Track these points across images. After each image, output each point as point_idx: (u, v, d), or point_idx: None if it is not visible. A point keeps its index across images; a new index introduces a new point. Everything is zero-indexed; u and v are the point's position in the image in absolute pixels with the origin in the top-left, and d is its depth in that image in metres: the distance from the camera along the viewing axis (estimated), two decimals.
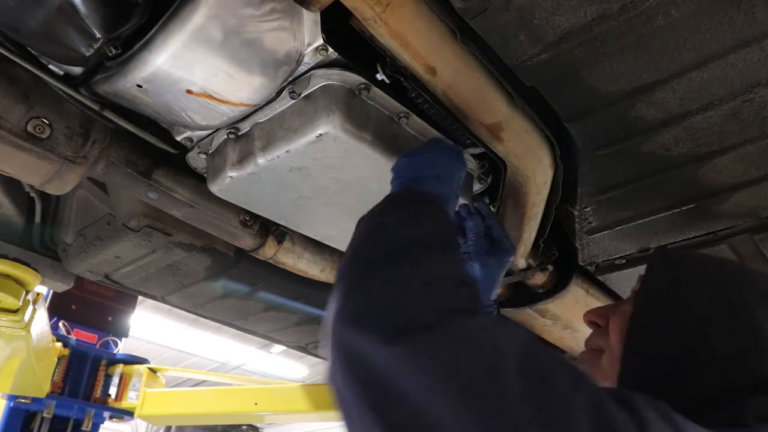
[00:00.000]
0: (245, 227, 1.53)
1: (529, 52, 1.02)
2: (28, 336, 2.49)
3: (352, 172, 1.16)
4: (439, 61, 1.02)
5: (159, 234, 1.58)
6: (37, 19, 0.89)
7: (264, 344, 8.86)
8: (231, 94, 1.04)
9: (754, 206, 1.36)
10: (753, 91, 1.08)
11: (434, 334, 0.56)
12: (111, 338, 4.73)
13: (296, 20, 0.98)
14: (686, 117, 1.15)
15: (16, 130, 1.11)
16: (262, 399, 4.78)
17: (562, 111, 1.18)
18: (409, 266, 0.68)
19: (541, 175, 1.31)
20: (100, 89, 1.06)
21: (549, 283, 1.78)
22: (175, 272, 1.82)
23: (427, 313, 0.59)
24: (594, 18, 0.94)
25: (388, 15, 0.92)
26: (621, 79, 1.07)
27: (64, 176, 1.23)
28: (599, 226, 1.52)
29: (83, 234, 1.71)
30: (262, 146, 1.13)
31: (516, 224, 1.45)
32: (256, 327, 2.30)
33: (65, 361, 4.39)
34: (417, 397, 0.52)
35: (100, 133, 1.23)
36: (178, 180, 1.38)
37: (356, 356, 0.58)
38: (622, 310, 0.91)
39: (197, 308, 2.09)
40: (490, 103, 1.12)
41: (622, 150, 1.26)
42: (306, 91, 1.07)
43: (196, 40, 0.92)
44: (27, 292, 2.13)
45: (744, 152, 1.21)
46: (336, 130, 1.04)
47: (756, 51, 1.00)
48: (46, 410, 4.16)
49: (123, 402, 4.77)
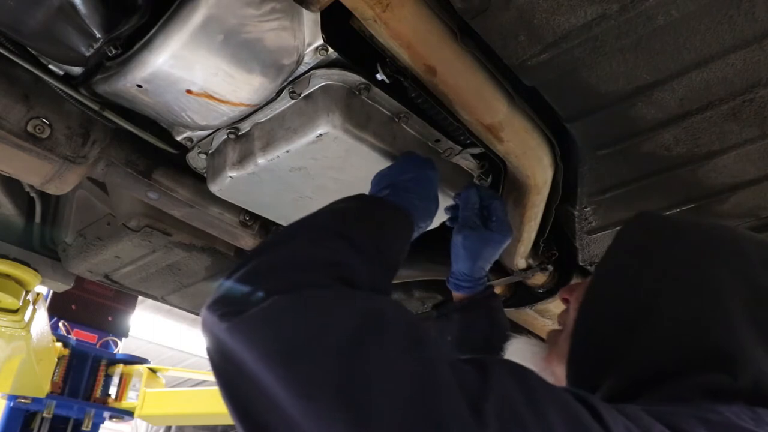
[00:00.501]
0: (245, 227, 1.52)
1: (529, 52, 1.02)
2: (28, 336, 2.50)
3: (352, 172, 1.16)
4: (439, 61, 1.02)
5: (159, 234, 1.58)
6: (37, 19, 0.89)
7: None
8: (231, 94, 1.04)
9: (754, 206, 1.36)
10: (753, 91, 1.08)
11: (263, 309, 0.59)
12: (111, 338, 4.73)
13: (296, 20, 0.98)
14: (686, 117, 1.15)
15: (16, 130, 1.11)
16: None
17: (562, 111, 1.18)
18: (272, 251, 0.72)
19: (541, 175, 1.31)
20: (100, 89, 1.06)
21: (549, 283, 1.78)
22: (175, 272, 1.82)
23: (257, 294, 0.62)
24: (594, 18, 0.94)
25: (388, 15, 0.92)
26: (621, 79, 1.07)
27: (64, 176, 1.23)
28: (599, 226, 1.52)
29: (83, 234, 1.71)
30: (262, 146, 1.13)
31: (516, 224, 1.45)
32: None
33: (65, 361, 4.40)
34: (249, 365, 0.56)
35: (100, 133, 1.23)
36: (178, 180, 1.38)
37: (209, 335, 0.63)
38: (582, 285, 0.87)
39: (197, 308, 2.09)
40: (490, 103, 1.12)
41: (622, 150, 1.26)
42: (306, 91, 1.07)
43: (196, 40, 0.92)
44: (27, 292, 2.13)
45: (744, 152, 1.21)
46: (336, 130, 1.04)
47: (756, 51, 1.00)
48: (46, 410, 4.16)
49: (123, 402, 4.78)
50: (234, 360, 0.58)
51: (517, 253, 1.57)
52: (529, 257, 1.64)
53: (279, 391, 0.53)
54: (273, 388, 0.53)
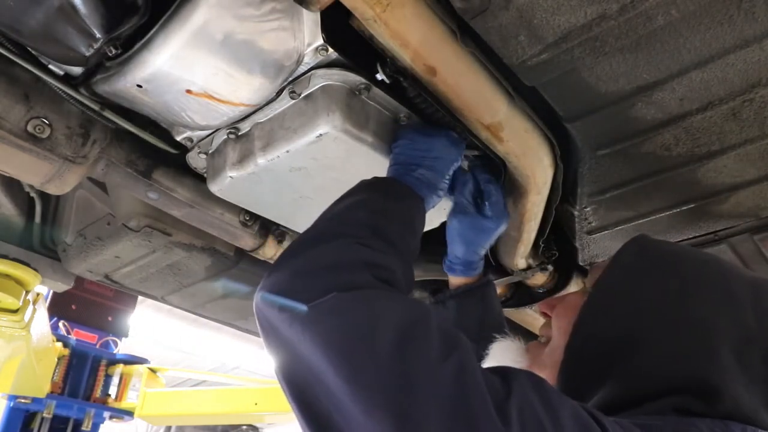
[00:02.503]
0: (245, 227, 1.52)
1: (529, 52, 1.02)
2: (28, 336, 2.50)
3: (353, 172, 1.16)
4: (439, 61, 1.02)
5: (159, 234, 1.58)
6: (37, 19, 0.89)
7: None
8: (231, 94, 1.04)
9: (754, 206, 1.36)
10: (753, 91, 1.08)
11: (326, 303, 0.66)
12: (111, 338, 4.73)
13: (296, 20, 0.98)
14: (686, 117, 1.15)
15: (16, 130, 1.11)
16: (262, 399, 4.79)
17: (562, 111, 1.18)
18: (320, 247, 0.78)
19: (541, 175, 1.31)
20: (100, 89, 1.06)
21: (549, 283, 1.78)
22: (175, 272, 1.82)
23: (316, 290, 0.69)
24: (594, 18, 0.94)
25: (388, 15, 0.92)
26: (621, 79, 1.07)
27: (64, 176, 1.23)
28: (599, 226, 1.52)
29: (83, 234, 1.71)
30: (262, 146, 1.13)
31: (516, 224, 1.45)
32: (256, 327, 2.29)
33: (65, 361, 4.40)
34: (308, 354, 0.64)
35: (100, 133, 1.23)
36: (178, 180, 1.38)
37: (267, 325, 0.71)
38: (567, 300, 0.93)
39: (197, 308, 2.09)
40: (490, 103, 1.12)
41: (622, 150, 1.26)
42: (306, 91, 1.07)
43: (196, 40, 0.92)
44: (27, 292, 2.13)
45: (744, 152, 1.21)
46: (336, 130, 1.04)
47: (756, 51, 1.00)
48: (46, 410, 4.16)
49: (123, 402, 4.78)
50: (293, 348, 0.66)
51: (517, 253, 1.57)
52: (529, 257, 1.64)
53: (335, 380, 0.60)
54: (329, 377, 0.60)
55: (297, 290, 0.70)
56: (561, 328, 0.89)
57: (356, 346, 0.61)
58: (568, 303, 0.92)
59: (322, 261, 0.74)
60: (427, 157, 1.07)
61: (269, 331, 0.71)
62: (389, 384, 0.57)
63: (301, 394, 0.64)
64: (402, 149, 1.09)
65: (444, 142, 1.10)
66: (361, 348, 0.60)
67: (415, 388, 0.57)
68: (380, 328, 0.62)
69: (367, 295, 0.68)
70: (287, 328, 0.67)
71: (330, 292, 0.67)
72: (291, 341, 0.66)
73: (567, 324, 0.87)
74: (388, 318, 0.63)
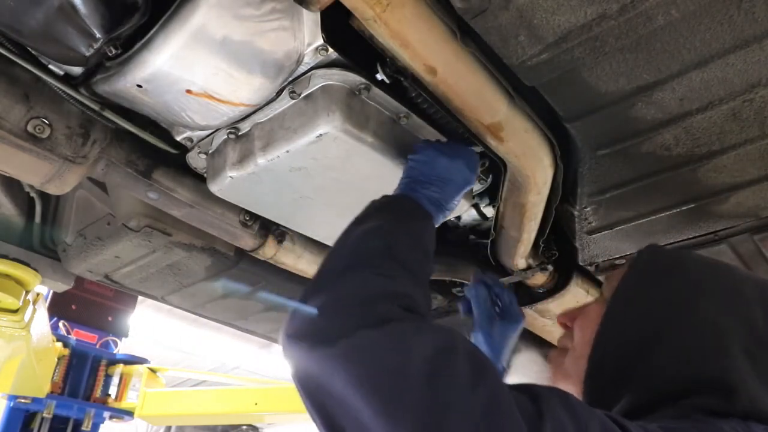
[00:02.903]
0: (245, 227, 1.52)
1: (529, 52, 1.02)
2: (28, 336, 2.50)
3: (353, 172, 1.16)
4: (439, 61, 1.02)
5: (159, 234, 1.58)
6: (37, 19, 0.89)
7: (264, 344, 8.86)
8: (231, 94, 1.04)
9: (754, 206, 1.36)
10: (753, 91, 1.08)
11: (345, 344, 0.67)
12: (111, 338, 4.72)
13: (296, 20, 0.98)
14: (686, 117, 1.15)
15: (16, 130, 1.11)
16: (262, 399, 4.79)
17: (562, 111, 1.18)
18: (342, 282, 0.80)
19: (541, 175, 1.31)
20: (100, 89, 1.06)
21: (549, 283, 1.78)
22: (175, 272, 1.82)
23: (344, 328, 0.70)
24: (594, 18, 0.94)
25: (388, 15, 0.91)
26: (621, 79, 1.07)
27: (64, 176, 1.23)
28: (599, 226, 1.52)
29: (83, 234, 1.71)
30: (262, 146, 1.13)
31: (516, 224, 1.45)
32: (256, 327, 2.30)
33: (65, 361, 4.39)
34: (340, 391, 0.65)
35: (100, 133, 1.23)
36: (178, 180, 1.38)
37: (296, 366, 0.72)
38: (587, 311, 0.96)
39: (197, 308, 2.09)
40: (490, 103, 1.12)
41: (622, 150, 1.26)
42: (306, 91, 1.07)
43: (196, 40, 0.92)
44: (27, 292, 2.13)
45: (744, 152, 1.21)
46: (336, 130, 1.04)
47: (756, 51, 1.00)
48: (46, 410, 4.16)
49: (123, 402, 4.78)
50: (325, 386, 0.67)
51: (517, 253, 1.57)
52: (529, 257, 1.64)
53: (368, 414, 0.61)
54: (362, 412, 0.62)
55: (325, 329, 0.71)
56: (584, 339, 0.92)
57: (388, 381, 0.62)
58: (589, 314, 0.94)
59: (347, 297, 0.76)
60: (441, 177, 1.08)
61: (301, 371, 0.71)
62: (423, 416, 0.59)
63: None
64: (417, 164, 1.10)
65: (460, 165, 1.12)
66: (393, 383, 0.62)
67: (448, 419, 0.58)
68: (411, 362, 0.63)
69: (395, 329, 0.69)
70: (317, 368, 0.68)
71: (359, 329, 0.68)
72: (322, 380, 0.67)
73: (590, 334, 0.90)
74: (417, 351, 0.65)
